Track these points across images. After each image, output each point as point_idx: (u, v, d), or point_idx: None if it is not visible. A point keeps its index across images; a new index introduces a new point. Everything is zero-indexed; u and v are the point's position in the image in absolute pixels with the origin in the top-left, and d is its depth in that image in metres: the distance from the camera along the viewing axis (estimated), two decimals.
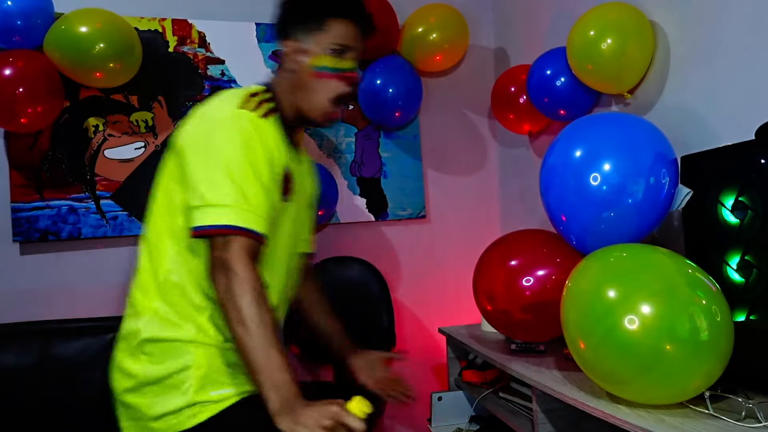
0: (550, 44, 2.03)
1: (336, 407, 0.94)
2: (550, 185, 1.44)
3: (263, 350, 1.02)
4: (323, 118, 1.27)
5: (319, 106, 1.26)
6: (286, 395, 1.00)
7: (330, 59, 1.24)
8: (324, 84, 1.24)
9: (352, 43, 1.26)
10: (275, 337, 1.03)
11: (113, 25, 1.95)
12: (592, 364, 1.17)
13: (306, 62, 1.25)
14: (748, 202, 1.22)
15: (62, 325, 1.89)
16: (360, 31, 1.28)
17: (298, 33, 1.27)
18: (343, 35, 1.24)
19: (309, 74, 1.24)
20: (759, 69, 1.36)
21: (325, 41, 1.24)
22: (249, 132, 1.15)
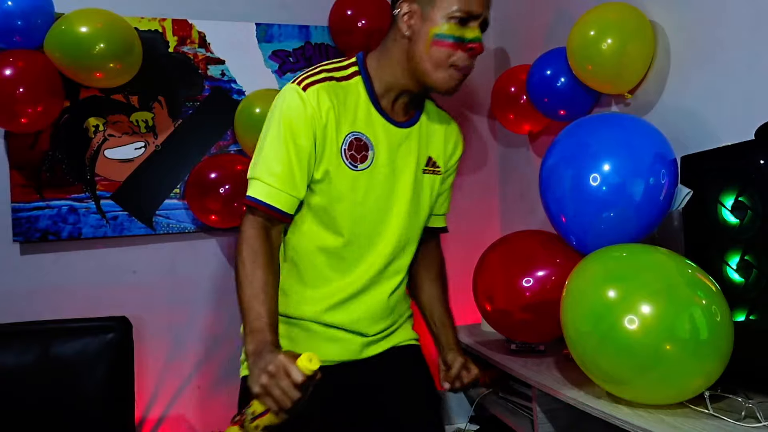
0: (550, 44, 2.03)
1: (285, 357, 0.99)
2: (550, 185, 1.44)
3: (248, 301, 1.11)
4: (445, 88, 1.20)
5: (437, 77, 1.17)
6: (259, 340, 1.07)
7: (453, 27, 1.14)
8: (443, 54, 1.15)
9: (479, 8, 1.16)
10: (263, 292, 1.11)
11: (113, 25, 1.95)
12: (592, 364, 1.18)
13: (424, 29, 1.15)
14: (747, 202, 1.22)
15: (62, 325, 1.88)
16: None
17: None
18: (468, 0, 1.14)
19: (427, 43, 1.15)
20: (759, 69, 1.36)
21: (448, 6, 1.13)
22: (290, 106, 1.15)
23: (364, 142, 1.20)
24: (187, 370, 2.20)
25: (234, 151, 2.22)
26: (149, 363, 2.15)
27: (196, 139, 2.20)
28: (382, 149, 1.22)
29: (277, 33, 2.31)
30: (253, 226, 1.16)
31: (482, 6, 1.17)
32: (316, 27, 2.36)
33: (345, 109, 1.18)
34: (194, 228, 2.19)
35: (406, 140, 1.26)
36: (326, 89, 1.16)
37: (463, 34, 1.15)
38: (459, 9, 1.13)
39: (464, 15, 1.14)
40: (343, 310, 1.28)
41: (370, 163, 1.21)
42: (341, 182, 1.20)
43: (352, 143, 1.19)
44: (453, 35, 1.14)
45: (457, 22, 1.14)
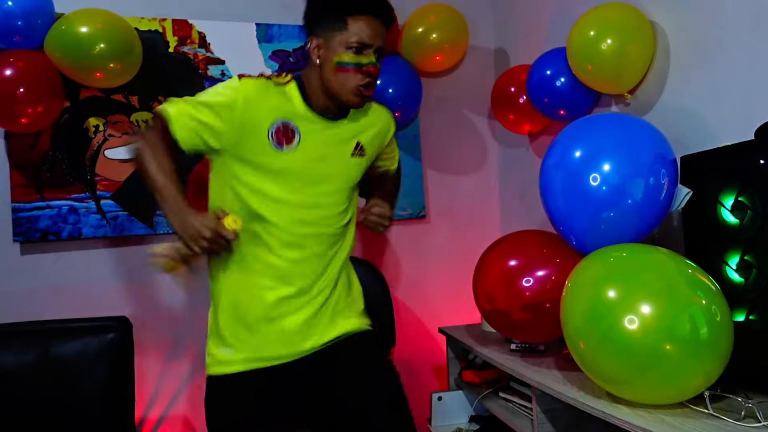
0: (550, 44, 2.03)
1: (214, 221, 1.22)
2: (550, 185, 1.44)
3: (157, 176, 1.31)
4: (352, 102, 1.40)
5: (344, 95, 1.38)
6: (174, 204, 1.29)
7: (350, 56, 1.34)
8: (345, 77, 1.36)
9: (371, 40, 1.35)
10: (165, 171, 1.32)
11: (113, 26, 1.95)
12: (592, 364, 1.18)
13: (329, 57, 1.36)
14: (747, 202, 1.22)
15: (62, 325, 1.89)
16: (380, 24, 1.37)
17: (322, 30, 1.37)
18: (362, 33, 1.34)
19: (332, 69, 1.36)
20: (759, 69, 1.36)
21: (345, 39, 1.34)
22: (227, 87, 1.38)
23: (291, 128, 1.38)
24: (187, 370, 2.20)
25: None
26: (149, 363, 2.15)
27: None
28: (309, 137, 1.40)
29: (277, 33, 2.31)
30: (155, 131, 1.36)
31: (375, 38, 1.36)
32: None
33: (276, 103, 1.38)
34: None
35: (334, 130, 1.45)
36: (259, 83, 1.38)
37: (359, 60, 1.35)
38: (355, 41, 1.34)
39: (359, 45, 1.34)
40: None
41: (296, 147, 1.39)
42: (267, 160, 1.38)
43: (279, 128, 1.37)
44: (351, 62, 1.35)
45: (354, 52, 1.34)
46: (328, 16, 1.36)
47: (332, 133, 1.45)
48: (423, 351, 2.52)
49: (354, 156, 1.48)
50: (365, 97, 1.40)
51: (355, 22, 1.34)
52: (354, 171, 1.50)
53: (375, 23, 1.36)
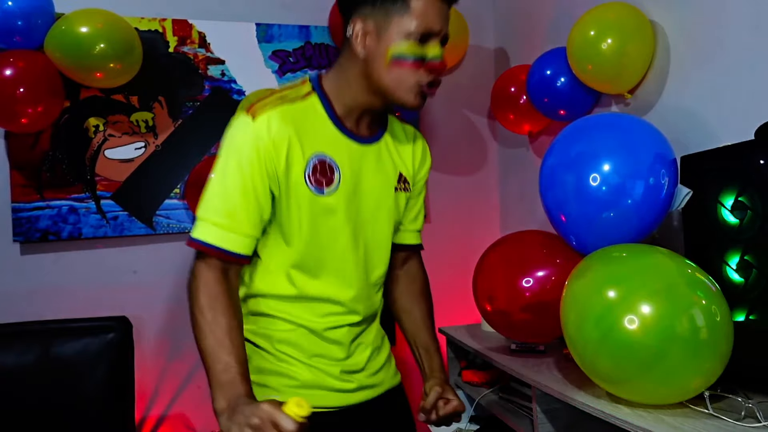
0: (550, 44, 2.03)
1: (269, 406, 0.89)
2: (550, 185, 1.44)
3: (212, 352, 1.00)
4: (410, 104, 1.10)
5: (401, 94, 1.08)
6: (229, 395, 0.97)
7: (412, 46, 1.04)
8: (403, 74, 1.06)
9: (438, 24, 1.06)
10: (228, 339, 1.01)
11: (113, 25, 1.95)
12: (592, 364, 1.17)
13: (382, 49, 1.06)
14: (747, 202, 1.22)
15: (62, 325, 1.88)
16: (447, 5, 1.08)
17: (372, 11, 1.06)
18: (428, 16, 1.04)
19: (386, 63, 1.06)
20: (759, 69, 1.36)
21: (406, 24, 1.04)
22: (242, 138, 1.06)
23: (329, 165, 1.11)
24: (187, 370, 2.20)
25: None
26: (149, 363, 2.15)
27: (196, 139, 2.20)
28: (347, 170, 1.13)
29: (277, 33, 2.31)
30: (209, 270, 1.05)
31: (441, 22, 1.07)
32: (316, 27, 2.36)
33: (304, 131, 1.09)
34: None
35: (376, 156, 1.18)
36: (280, 114, 1.07)
37: (423, 53, 1.06)
38: (418, 26, 1.04)
39: (424, 32, 1.04)
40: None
41: (336, 186, 1.12)
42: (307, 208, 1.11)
43: (315, 167, 1.09)
44: (413, 54, 1.05)
45: (416, 40, 1.05)
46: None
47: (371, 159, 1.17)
48: None
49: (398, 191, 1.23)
50: (423, 98, 1.11)
51: (420, 2, 1.03)
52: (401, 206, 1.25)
53: (441, 4, 1.06)
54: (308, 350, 1.17)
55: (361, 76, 1.10)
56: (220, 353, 0.99)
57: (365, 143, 1.17)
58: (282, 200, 1.10)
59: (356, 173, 1.15)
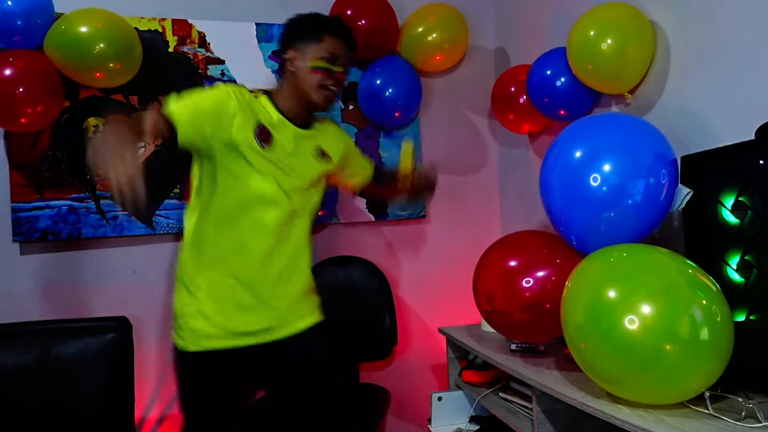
0: (550, 44, 2.03)
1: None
2: (550, 185, 1.44)
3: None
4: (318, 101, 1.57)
5: (313, 94, 1.56)
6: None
7: (323, 62, 1.56)
8: (317, 77, 1.55)
9: (342, 55, 1.58)
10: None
11: (113, 25, 1.95)
12: (592, 364, 1.18)
13: (304, 65, 1.56)
14: (748, 202, 1.22)
15: (62, 325, 1.89)
16: (348, 48, 1.61)
17: (300, 45, 1.58)
18: (335, 47, 1.57)
19: (306, 72, 1.56)
20: (759, 69, 1.36)
21: (321, 50, 1.56)
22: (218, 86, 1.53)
23: (269, 131, 1.54)
24: None
25: None
26: (149, 363, 2.15)
27: None
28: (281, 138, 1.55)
29: (277, 33, 2.31)
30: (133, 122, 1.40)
31: (344, 55, 1.59)
32: None
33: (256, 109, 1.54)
34: None
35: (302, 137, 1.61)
36: (242, 91, 1.54)
37: (330, 67, 1.56)
38: (328, 52, 1.56)
39: (330, 56, 1.56)
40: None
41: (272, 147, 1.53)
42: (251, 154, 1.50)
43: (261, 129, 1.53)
44: (324, 66, 1.55)
45: (326, 60, 1.55)
46: (308, 32, 1.58)
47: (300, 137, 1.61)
48: (423, 351, 2.52)
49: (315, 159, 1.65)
50: (329, 100, 1.58)
51: (330, 39, 1.57)
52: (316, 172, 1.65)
53: (343, 44, 1.59)
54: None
55: (292, 86, 1.58)
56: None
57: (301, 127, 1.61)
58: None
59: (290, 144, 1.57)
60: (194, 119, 1.44)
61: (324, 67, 1.56)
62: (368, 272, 2.32)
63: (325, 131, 1.71)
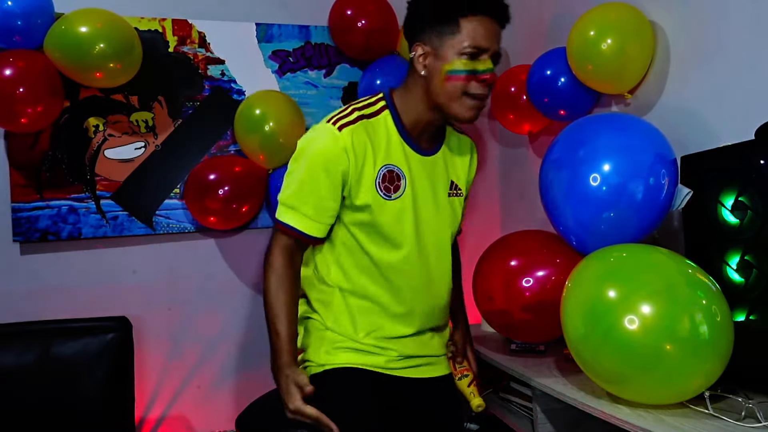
0: (550, 44, 2.03)
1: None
2: (550, 185, 1.44)
3: (272, 321, 1.27)
4: (463, 118, 1.27)
5: (455, 109, 1.25)
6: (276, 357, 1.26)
7: (464, 62, 1.20)
8: (458, 87, 1.22)
9: (487, 43, 1.21)
10: (283, 312, 1.26)
11: (113, 25, 1.95)
12: (592, 364, 1.18)
13: (438, 66, 1.22)
14: (748, 202, 1.22)
15: (62, 325, 1.89)
16: (496, 24, 1.23)
17: (429, 36, 1.23)
18: (477, 36, 1.19)
19: (442, 79, 1.22)
20: (759, 69, 1.36)
21: (458, 44, 1.20)
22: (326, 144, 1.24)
23: (396, 173, 1.29)
24: (187, 370, 2.20)
25: (234, 152, 2.22)
26: (149, 363, 2.15)
27: (196, 139, 2.20)
28: (413, 178, 1.31)
29: (277, 33, 2.31)
30: (281, 252, 1.29)
31: (491, 41, 1.22)
32: (316, 27, 2.36)
33: (377, 144, 1.27)
34: (194, 228, 2.19)
35: (432, 167, 1.35)
36: (359, 128, 1.25)
37: (474, 67, 1.21)
38: (469, 45, 1.19)
39: (474, 51, 1.20)
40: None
41: (402, 192, 1.29)
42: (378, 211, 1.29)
43: (385, 176, 1.28)
44: (465, 69, 1.20)
45: (468, 58, 1.20)
46: (438, 18, 1.22)
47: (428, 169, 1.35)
48: None
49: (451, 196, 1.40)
50: (477, 113, 1.27)
51: (469, 24, 1.19)
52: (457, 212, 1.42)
53: (490, 24, 1.21)
54: None
55: (424, 92, 1.27)
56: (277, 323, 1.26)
57: (426, 155, 1.34)
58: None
59: (420, 182, 1.32)
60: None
61: (467, 71, 1.20)
62: None
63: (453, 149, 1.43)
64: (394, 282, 1.33)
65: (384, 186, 1.28)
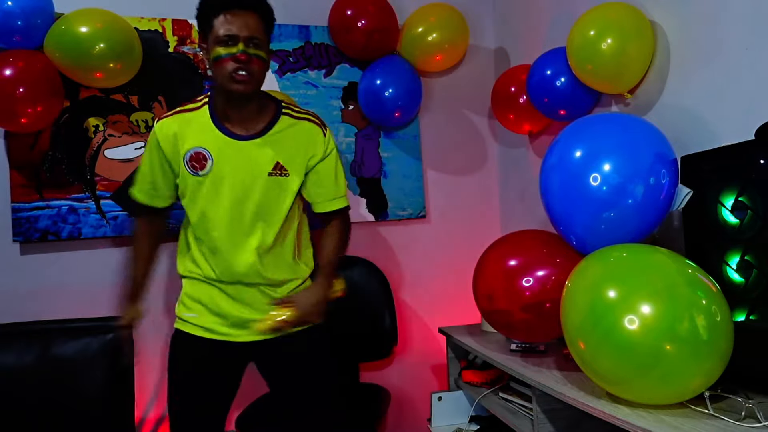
0: (550, 44, 2.03)
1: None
2: (550, 185, 1.44)
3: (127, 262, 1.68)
4: (233, 89, 1.49)
5: (226, 85, 1.50)
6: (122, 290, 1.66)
7: (221, 49, 1.46)
8: (222, 68, 1.48)
9: (237, 31, 1.46)
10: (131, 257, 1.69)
11: (113, 25, 1.95)
12: (592, 364, 1.17)
13: (210, 57, 1.50)
14: (748, 202, 1.22)
15: (62, 325, 1.89)
16: (246, 14, 1.47)
17: (205, 38, 1.52)
18: (225, 27, 1.46)
19: (213, 65, 1.51)
20: (759, 69, 1.36)
21: (214, 36, 1.47)
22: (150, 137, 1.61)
23: (204, 154, 1.55)
24: None
25: None
26: (149, 363, 2.15)
27: None
28: (220, 158, 1.55)
29: (277, 33, 2.31)
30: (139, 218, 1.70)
31: (241, 29, 1.46)
32: (316, 27, 2.36)
33: (187, 132, 1.56)
34: None
35: (246, 150, 1.56)
36: (172, 119, 1.58)
37: (229, 51, 1.46)
38: (221, 34, 1.46)
39: (225, 38, 1.46)
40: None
41: (209, 170, 1.55)
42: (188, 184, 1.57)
43: (192, 156, 1.55)
44: (221, 54, 1.47)
45: (224, 45, 1.46)
46: (202, 23, 1.51)
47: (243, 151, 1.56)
48: (423, 351, 2.52)
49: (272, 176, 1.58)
50: (239, 82, 1.48)
51: (218, 19, 1.46)
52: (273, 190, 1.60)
53: (238, 16, 1.46)
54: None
55: (215, 81, 1.54)
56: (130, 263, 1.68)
57: (241, 140, 1.57)
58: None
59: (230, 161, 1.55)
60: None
61: (225, 54, 1.45)
62: (368, 272, 2.32)
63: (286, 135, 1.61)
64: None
65: (191, 164, 1.56)
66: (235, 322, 1.60)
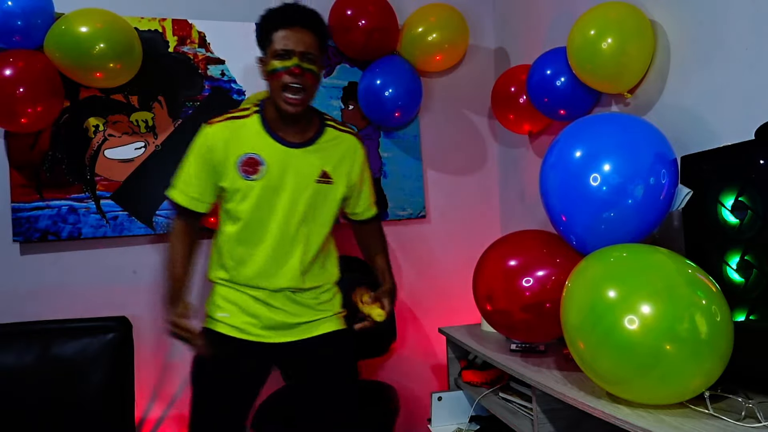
0: (550, 44, 2.03)
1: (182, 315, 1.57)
2: (550, 185, 1.44)
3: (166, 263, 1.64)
4: (284, 108, 1.56)
5: (278, 100, 1.56)
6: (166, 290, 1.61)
7: (276, 62, 1.54)
8: (276, 82, 1.55)
9: (293, 45, 1.53)
10: (171, 258, 1.64)
11: (113, 25, 1.95)
12: (592, 364, 1.17)
13: (266, 70, 1.57)
14: (748, 202, 1.22)
15: (62, 325, 1.89)
16: (302, 31, 1.55)
17: (263, 51, 1.59)
18: (283, 42, 1.53)
19: (268, 78, 1.57)
20: (759, 69, 1.36)
21: (272, 50, 1.54)
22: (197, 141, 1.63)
23: (257, 159, 1.59)
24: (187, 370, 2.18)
25: None
26: (149, 363, 2.15)
27: None
28: (273, 164, 1.59)
29: None
30: (177, 219, 1.67)
31: (297, 44, 1.53)
32: None
33: (239, 137, 1.59)
34: None
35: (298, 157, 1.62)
36: (223, 125, 1.61)
37: (284, 64, 1.53)
38: (278, 48, 1.53)
39: (282, 52, 1.53)
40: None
41: (262, 175, 1.58)
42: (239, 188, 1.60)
43: (245, 161, 1.58)
44: (278, 67, 1.53)
45: (279, 59, 1.53)
46: (261, 38, 1.58)
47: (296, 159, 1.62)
48: (423, 351, 2.52)
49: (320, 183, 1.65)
50: (291, 104, 1.54)
51: (277, 34, 1.54)
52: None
53: (295, 32, 1.54)
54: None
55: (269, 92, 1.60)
56: (168, 264, 1.64)
57: (292, 147, 1.62)
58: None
59: (281, 167, 1.60)
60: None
61: (280, 67, 1.52)
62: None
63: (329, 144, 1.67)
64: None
65: (244, 169, 1.59)
66: (267, 324, 1.62)
